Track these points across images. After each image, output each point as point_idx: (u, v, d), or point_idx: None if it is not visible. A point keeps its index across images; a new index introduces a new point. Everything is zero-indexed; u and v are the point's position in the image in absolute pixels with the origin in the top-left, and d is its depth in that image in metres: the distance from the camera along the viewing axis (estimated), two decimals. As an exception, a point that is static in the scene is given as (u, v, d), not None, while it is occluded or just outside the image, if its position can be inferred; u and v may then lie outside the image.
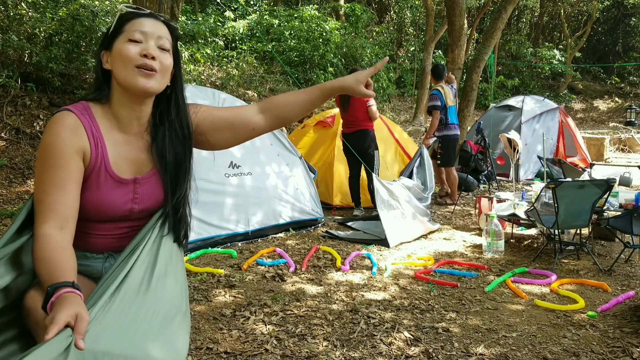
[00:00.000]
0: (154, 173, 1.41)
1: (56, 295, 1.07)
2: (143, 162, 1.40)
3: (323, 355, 2.47)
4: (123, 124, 1.36)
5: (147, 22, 1.33)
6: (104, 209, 1.34)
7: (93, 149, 1.31)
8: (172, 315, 1.20)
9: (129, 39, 1.30)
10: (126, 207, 1.37)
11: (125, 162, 1.36)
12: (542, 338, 2.69)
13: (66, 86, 6.68)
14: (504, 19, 7.89)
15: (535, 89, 19.45)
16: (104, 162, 1.32)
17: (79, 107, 1.33)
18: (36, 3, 7.26)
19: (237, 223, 4.49)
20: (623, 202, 4.32)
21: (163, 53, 1.34)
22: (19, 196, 5.24)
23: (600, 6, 21.34)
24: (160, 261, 1.28)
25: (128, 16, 1.34)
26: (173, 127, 1.42)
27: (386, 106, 13.07)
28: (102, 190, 1.33)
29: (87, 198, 1.31)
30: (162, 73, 1.34)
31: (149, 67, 1.30)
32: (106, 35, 1.36)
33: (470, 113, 8.12)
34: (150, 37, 1.32)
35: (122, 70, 1.30)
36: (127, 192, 1.36)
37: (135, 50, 1.29)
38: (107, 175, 1.33)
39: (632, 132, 13.82)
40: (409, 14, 18.94)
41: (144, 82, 1.30)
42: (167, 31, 1.37)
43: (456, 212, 6.01)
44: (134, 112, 1.36)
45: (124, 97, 1.34)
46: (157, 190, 1.41)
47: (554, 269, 3.82)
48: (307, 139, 6.59)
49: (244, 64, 10.34)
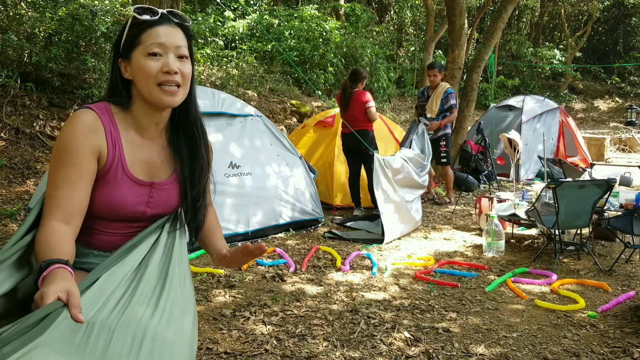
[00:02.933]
0: (173, 180, 1.42)
1: (48, 270, 1.08)
2: (159, 166, 1.41)
3: (323, 355, 2.46)
4: (141, 127, 1.38)
5: (164, 31, 1.32)
6: (117, 207, 1.34)
7: (110, 148, 1.32)
8: (188, 309, 1.23)
9: (148, 53, 1.30)
10: (139, 209, 1.37)
11: (141, 164, 1.38)
12: (543, 338, 2.68)
13: (66, 86, 6.67)
14: (504, 18, 7.88)
15: (536, 89, 19.45)
16: (121, 162, 1.34)
17: (100, 107, 1.34)
18: (36, 3, 7.26)
19: (237, 223, 4.49)
20: (623, 202, 4.31)
21: (183, 62, 1.34)
22: (19, 196, 5.23)
23: (601, 6, 21.34)
24: (175, 258, 1.30)
25: (142, 25, 1.32)
26: (188, 126, 1.45)
27: (386, 106, 13.06)
28: (117, 189, 1.33)
29: (101, 195, 1.32)
30: (184, 84, 1.35)
31: (173, 83, 1.31)
32: (120, 42, 1.35)
33: (471, 113, 8.11)
34: (169, 49, 1.31)
35: (145, 87, 1.31)
36: (142, 194, 1.37)
37: (156, 66, 1.29)
38: (124, 175, 1.34)
39: (633, 132, 13.81)
40: (409, 13, 18.93)
41: (169, 99, 1.32)
42: (182, 35, 1.36)
43: (456, 212, 6.00)
44: (153, 118, 1.38)
45: (145, 106, 1.36)
46: (173, 197, 1.43)
47: (554, 269, 3.81)
48: (307, 139, 6.58)
49: (244, 64, 10.33)
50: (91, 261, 1.39)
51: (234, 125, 4.82)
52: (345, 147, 5.71)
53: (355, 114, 5.48)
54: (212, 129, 4.57)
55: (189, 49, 1.40)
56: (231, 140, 4.73)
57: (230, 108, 4.82)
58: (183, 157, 1.43)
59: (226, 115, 4.76)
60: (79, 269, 1.37)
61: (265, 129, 5.09)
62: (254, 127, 4.99)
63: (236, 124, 4.84)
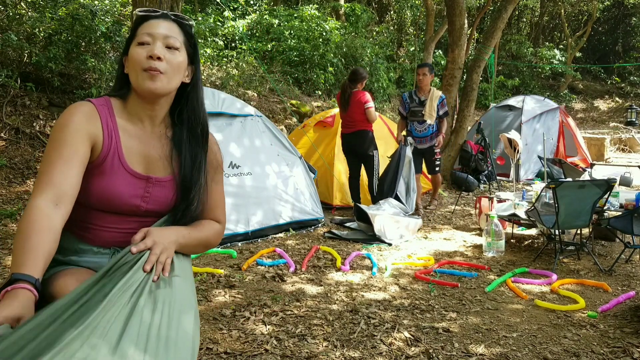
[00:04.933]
0: (171, 179, 1.42)
1: (12, 286, 1.05)
2: (156, 161, 1.41)
3: (323, 355, 2.46)
4: (137, 120, 1.40)
5: (156, 23, 1.36)
6: (112, 198, 1.34)
7: (106, 138, 1.33)
8: (188, 310, 1.20)
9: (139, 42, 1.34)
10: (133, 202, 1.36)
11: (137, 156, 1.38)
12: (543, 338, 2.68)
13: (66, 86, 6.67)
14: (504, 18, 7.87)
15: (536, 89, 19.44)
16: (117, 152, 1.35)
17: (99, 100, 1.37)
18: (35, 3, 7.25)
19: (237, 223, 4.49)
20: (623, 202, 4.32)
21: (172, 52, 1.36)
22: (19, 196, 5.23)
23: (601, 6, 21.33)
24: (175, 262, 1.28)
25: (139, 20, 1.38)
26: (190, 125, 1.45)
27: (386, 106, 13.05)
28: (112, 179, 1.33)
29: (95, 185, 1.32)
30: (170, 73, 1.35)
31: (154, 68, 1.32)
32: (126, 42, 1.41)
33: (471, 113, 8.09)
34: (157, 38, 1.34)
35: (133, 74, 1.35)
36: (137, 187, 1.37)
37: (142, 53, 1.33)
38: (120, 165, 1.35)
39: (633, 132, 13.82)
40: (409, 13, 18.91)
41: (150, 84, 1.33)
42: (177, 29, 1.39)
43: (456, 212, 6.00)
44: (146, 110, 1.39)
45: (137, 97, 1.38)
46: (170, 195, 1.42)
47: (554, 269, 3.81)
48: (307, 139, 6.58)
49: (244, 64, 10.33)
50: (91, 259, 1.39)
51: (234, 125, 4.82)
52: (345, 147, 5.71)
53: (355, 114, 5.48)
54: (212, 129, 4.51)
55: (190, 47, 1.42)
56: (231, 140, 4.73)
57: (230, 108, 4.82)
58: (184, 154, 1.42)
59: (226, 115, 4.76)
60: (80, 267, 1.37)
61: (265, 129, 5.09)
62: (254, 127, 4.98)
63: (236, 124, 4.84)
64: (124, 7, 8.63)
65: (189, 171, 1.42)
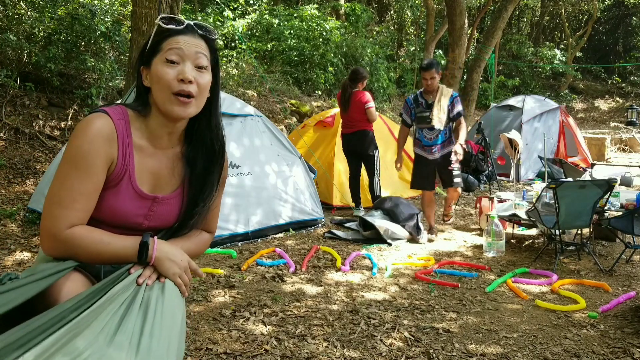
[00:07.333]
0: (177, 195, 1.41)
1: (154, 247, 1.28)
2: (165, 178, 1.39)
3: (323, 355, 2.45)
4: (155, 137, 1.37)
5: (184, 39, 1.30)
6: (117, 215, 1.34)
7: (120, 158, 1.31)
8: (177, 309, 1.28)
9: (166, 59, 1.28)
10: (136, 220, 1.37)
11: (147, 174, 1.36)
12: (543, 338, 2.67)
13: (65, 86, 6.66)
14: (504, 18, 7.88)
15: (536, 89, 19.45)
16: (129, 173, 1.33)
17: (117, 112, 1.32)
18: (35, 2, 7.24)
19: (237, 223, 4.48)
20: (624, 202, 4.31)
21: (200, 72, 1.32)
22: (18, 196, 5.22)
23: (601, 6, 21.34)
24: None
25: (165, 32, 1.31)
26: (206, 142, 1.42)
27: (386, 106, 13.04)
28: (120, 199, 1.33)
29: (104, 201, 1.32)
30: (199, 96, 1.32)
31: (186, 93, 1.28)
32: (144, 50, 1.35)
33: (471, 113, 8.11)
34: (187, 57, 1.29)
35: (159, 95, 1.30)
36: (142, 206, 1.36)
37: (172, 74, 1.28)
38: (130, 186, 1.33)
39: (633, 132, 13.81)
40: (409, 13, 18.92)
41: (180, 110, 1.29)
42: (205, 46, 1.34)
43: (456, 212, 5.99)
44: (167, 128, 1.36)
45: (159, 116, 1.34)
46: (175, 210, 1.41)
47: (554, 269, 3.80)
48: (307, 138, 6.58)
49: (244, 64, 10.32)
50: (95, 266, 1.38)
51: (234, 125, 4.81)
52: (345, 147, 5.70)
53: (355, 114, 5.47)
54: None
55: (213, 62, 1.37)
56: (231, 140, 4.73)
57: (230, 108, 4.81)
58: (197, 170, 1.40)
59: (226, 115, 4.75)
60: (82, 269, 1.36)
61: (265, 128, 5.08)
62: (254, 127, 4.98)
63: (236, 124, 4.83)
64: (124, 7, 8.62)
65: (199, 188, 1.41)
